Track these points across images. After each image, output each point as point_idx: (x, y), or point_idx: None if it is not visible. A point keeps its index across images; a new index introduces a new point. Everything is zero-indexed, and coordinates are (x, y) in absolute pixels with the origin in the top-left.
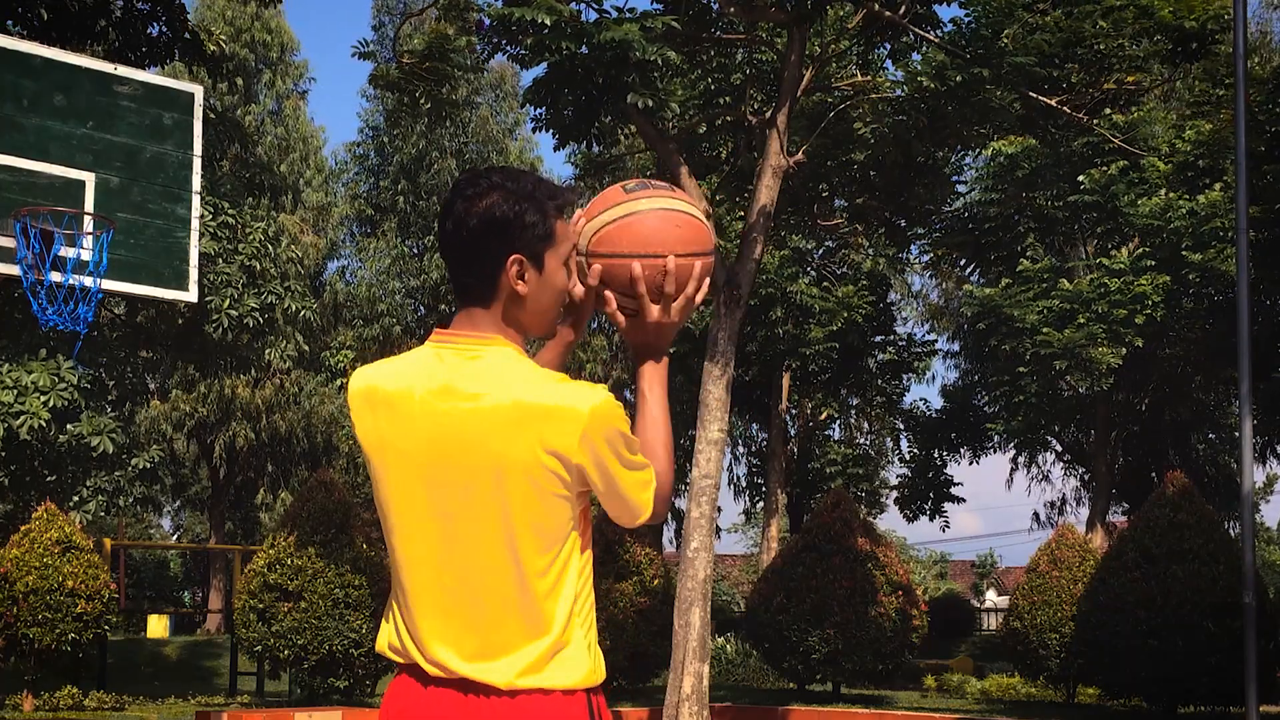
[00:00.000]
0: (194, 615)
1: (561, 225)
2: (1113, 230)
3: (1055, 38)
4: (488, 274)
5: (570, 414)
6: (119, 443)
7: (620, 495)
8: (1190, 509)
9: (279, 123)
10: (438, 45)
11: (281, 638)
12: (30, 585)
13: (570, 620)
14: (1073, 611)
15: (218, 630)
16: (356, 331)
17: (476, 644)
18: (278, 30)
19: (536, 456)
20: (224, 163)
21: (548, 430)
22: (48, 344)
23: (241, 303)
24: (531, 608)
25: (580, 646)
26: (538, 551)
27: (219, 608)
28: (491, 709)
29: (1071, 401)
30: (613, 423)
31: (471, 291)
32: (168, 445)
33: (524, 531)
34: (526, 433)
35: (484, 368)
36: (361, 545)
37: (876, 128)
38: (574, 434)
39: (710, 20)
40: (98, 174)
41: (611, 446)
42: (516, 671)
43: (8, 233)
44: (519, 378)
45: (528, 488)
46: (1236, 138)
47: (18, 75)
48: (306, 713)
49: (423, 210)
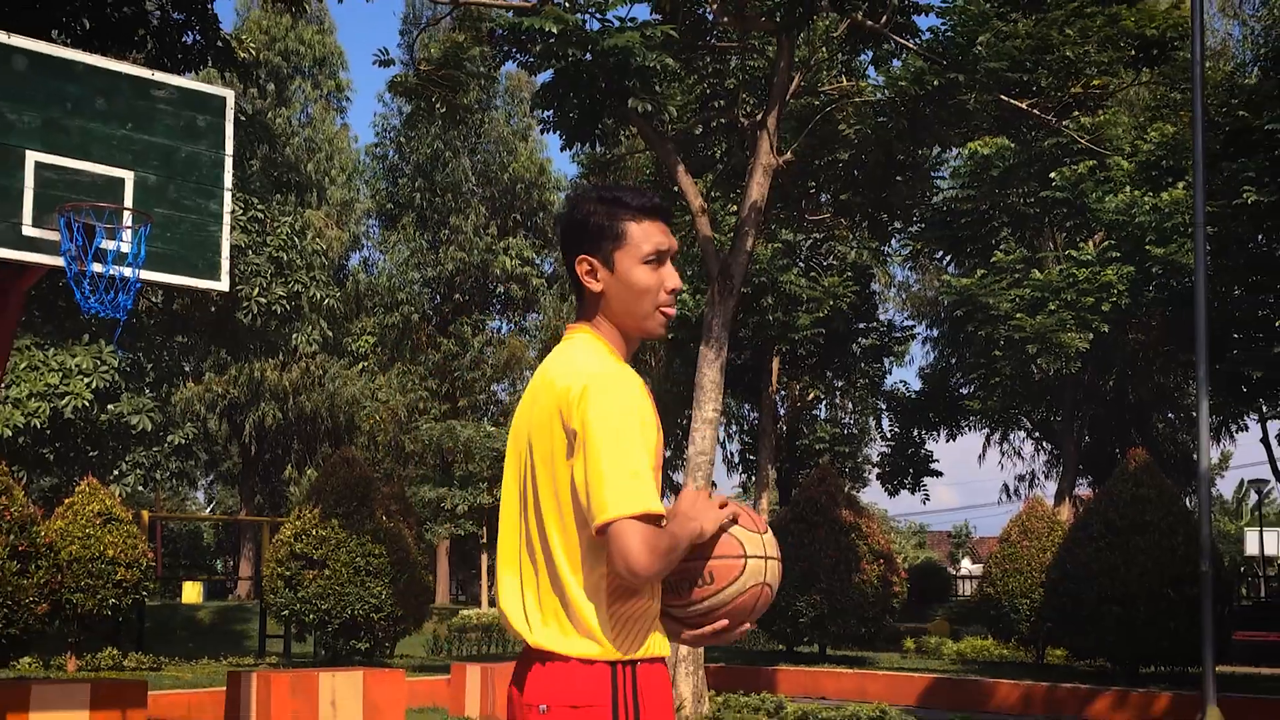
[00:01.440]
0: (225, 582)
1: (636, 228)
2: (1080, 225)
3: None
4: (571, 274)
5: (566, 392)
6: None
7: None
8: (1151, 484)
9: (308, 124)
10: (453, 54)
11: (307, 603)
12: (74, 554)
13: (600, 594)
14: (1042, 579)
15: (247, 596)
16: (376, 319)
17: (528, 607)
18: (311, 42)
19: (561, 432)
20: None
21: (561, 406)
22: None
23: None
24: (567, 579)
25: (605, 621)
26: (577, 525)
27: (249, 575)
28: (529, 665)
29: (1041, 383)
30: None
31: (573, 290)
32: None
33: (566, 505)
34: (555, 410)
35: (561, 352)
36: (381, 517)
37: (860, 129)
38: (569, 409)
39: (705, 29)
40: (136, 172)
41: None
42: (546, 637)
43: (53, 227)
44: (569, 359)
45: (564, 463)
46: (1195, 139)
47: (62, 81)
48: (330, 672)
49: (438, 206)
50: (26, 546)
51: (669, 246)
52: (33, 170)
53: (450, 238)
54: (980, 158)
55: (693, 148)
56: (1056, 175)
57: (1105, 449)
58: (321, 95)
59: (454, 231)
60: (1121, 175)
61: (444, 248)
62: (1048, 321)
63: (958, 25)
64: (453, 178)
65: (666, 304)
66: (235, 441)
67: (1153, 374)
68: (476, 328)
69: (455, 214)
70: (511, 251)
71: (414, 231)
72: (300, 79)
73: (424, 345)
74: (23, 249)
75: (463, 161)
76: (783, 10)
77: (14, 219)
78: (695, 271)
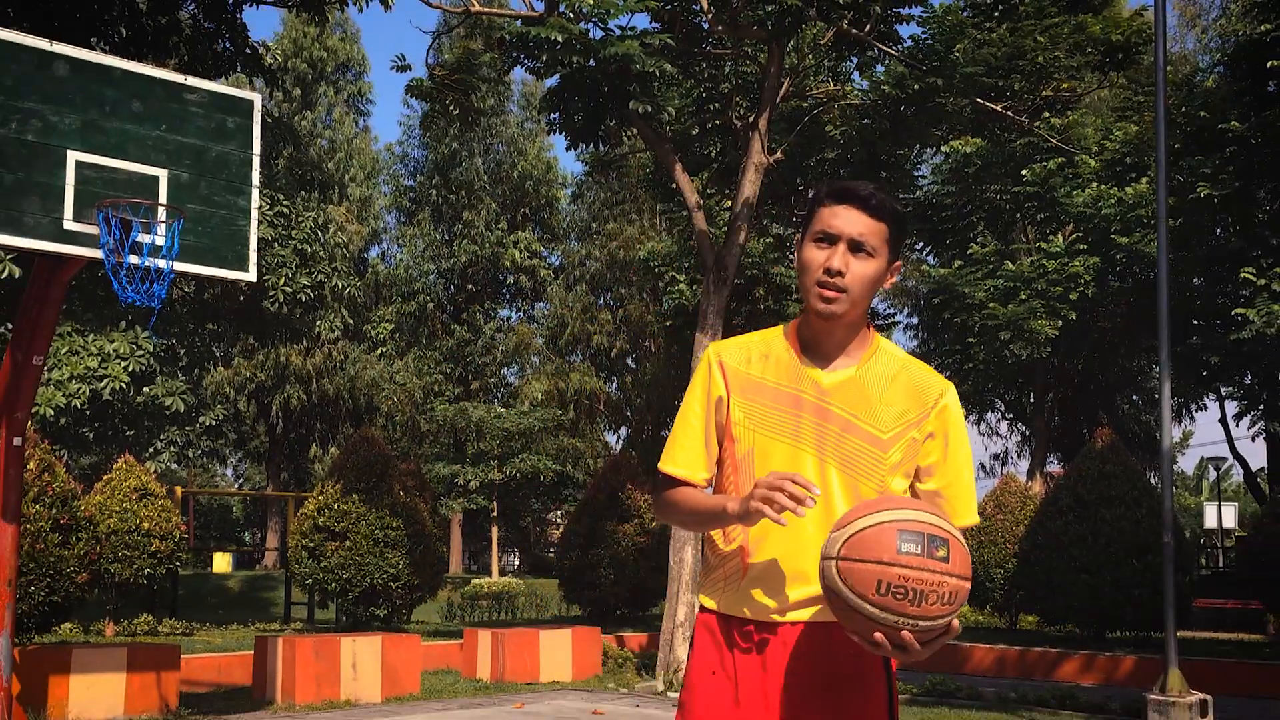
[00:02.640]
0: (253, 553)
1: (820, 211)
2: (1050, 218)
3: (1000, 52)
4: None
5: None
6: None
7: None
8: (1117, 461)
9: (331, 125)
10: (465, 60)
11: (329, 572)
12: (111, 527)
13: (712, 553)
14: (1014, 550)
15: (274, 566)
16: (394, 307)
17: None
18: (334, 49)
19: None
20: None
21: None
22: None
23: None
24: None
25: (712, 575)
26: None
27: (275, 546)
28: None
29: (1014, 367)
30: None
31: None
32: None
33: None
34: None
35: None
36: (398, 493)
37: (846, 130)
38: None
39: (701, 37)
40: (170, 170)
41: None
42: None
43: (92, 222)
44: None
45: None
46: (1157, 138)
47: (101, 85)
48: (351, 637)
49: (452, 202)
50: (68, 520)
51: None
52: (73, 169)
53: (463, 232)
54: (960, 155)
55: (689, 148)
56: (1028, 172)
57: (1074, 428)
58: (343, 99)
59: (467, 226)
60: (1089, 172)
61: (457, 241)
62: (1019, 310)
63: (937, 34)
64: (466, 176)
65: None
66: (262, 422)
67: (1118, 358)
68: (488, 316)
69: (468, 209)
70: (521, 245)
71: (430, 226)
72: (324, 84)
73: (439, 332)
74: (64, 242)
75: (475, 161)
76: (773, 19)
77: (56, 214)
78: (691, 263)
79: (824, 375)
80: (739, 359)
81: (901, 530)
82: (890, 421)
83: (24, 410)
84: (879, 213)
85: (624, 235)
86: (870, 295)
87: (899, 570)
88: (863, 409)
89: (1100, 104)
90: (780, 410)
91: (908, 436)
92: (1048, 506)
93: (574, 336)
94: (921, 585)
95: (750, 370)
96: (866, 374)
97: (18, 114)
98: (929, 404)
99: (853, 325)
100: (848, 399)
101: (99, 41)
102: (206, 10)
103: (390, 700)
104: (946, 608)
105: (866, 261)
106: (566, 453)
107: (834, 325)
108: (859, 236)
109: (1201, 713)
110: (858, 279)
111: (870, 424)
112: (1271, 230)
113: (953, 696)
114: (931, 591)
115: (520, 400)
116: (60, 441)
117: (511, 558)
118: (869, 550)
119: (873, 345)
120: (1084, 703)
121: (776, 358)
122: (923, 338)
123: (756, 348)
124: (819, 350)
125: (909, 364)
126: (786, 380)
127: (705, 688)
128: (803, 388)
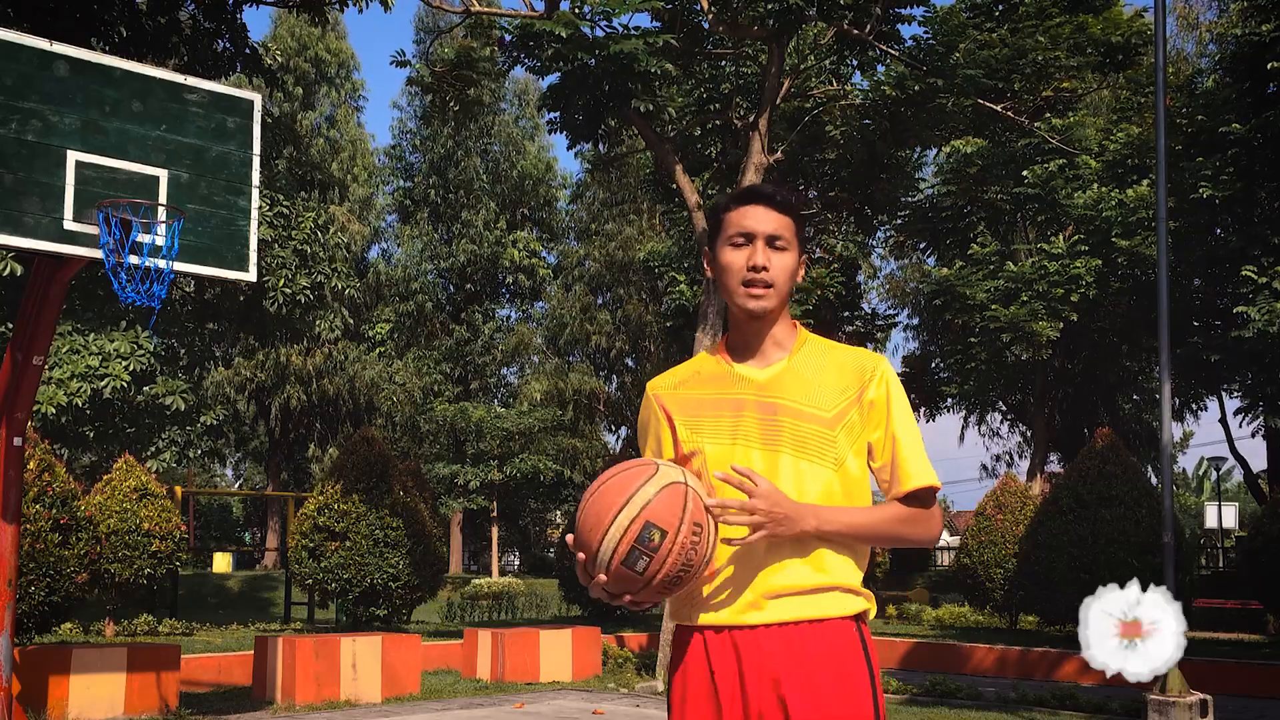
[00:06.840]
0: (253, 553)
1: (728, 216)
2: (1051, 219)
3: (1001, 52)
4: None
5: None
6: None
7: None
8: (1117, 461)
9: (332, 126)
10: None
11: (329, 572)
12: (112, 527)
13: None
14: (1015, 550)
15: (274, 566)
16: (394, 307)
17: None
18: (336, 50)
19: None
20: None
21: None
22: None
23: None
24: None
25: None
26: None
27: (275, 546)
28: None
29: (1015, 368)
30: None
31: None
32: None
33: None
34: None
35: None
36: (398, 492)
37: (846, 130)
38: None
39: (702, 37)
40: (170, 170)
41: None
42: None
43: (92, 221)
44: None
45: None
46: (1157, 139)
47: (101, 85)
48: (351, 637)
49: (451, 203)
50: (68, 519)
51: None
52: (73, 169)
53: (462, 231)
54: (961, 156)
55: (690, 147)
56: (1029, 173)
57: (1074, 429)
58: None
59: (466, 226)
60: (1089, 173)
61: (456, 241)
62: (1020, 311)
63: (938, 34)
64: (465, 175)
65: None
66: (262, 422)
67: (1118, 359)
68: (487, 315)
69: (467, 209)
70: (519, 244)
71: (429, 226)
72: (325, 85)
73: (438, 332)
74: (64, 242)
75: (474, 160)
76: (774, 19)
77: (56, 214)
78: (691, 264)
79: (759, 373)
80: (670, 385)
81: (624, 558)
82: (832, 400)
83: (24, 410)
84: (786, 208)
85: (623, 235)
86: (791, 288)
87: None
88: (801, 394)
89: (1101, 105)
90: (719, 416)
91: (852, 411)
92: (1048, 506)
93: (573, 336)
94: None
95: (683, 391)
96: (799, 362)
97: (18, 114)
98: (867, 376)
99: (780, 320)
100: (785, 388)
101: (99, 41)
102: (206, 10)
103: (390, 700)
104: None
105: (784, 255)
106: (566, 453)
107: (763, 323)
108: (774, 231)
109: (1201, 713)
110: (781, 272)
111: (812, 406)
112: (1272, 229)
113: (953, 696)
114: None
115: (520, 400)
116: (61, 440)
117: (511, 558)
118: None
119: (801, 336)
120: (1084, 703)
121: (708, 373)
122: (923, 339)
123: (685, 372)
124: (751, 351)
125: (837, 347)
126: (722, 389)
127: (688, 708)
128: (740, 390)
